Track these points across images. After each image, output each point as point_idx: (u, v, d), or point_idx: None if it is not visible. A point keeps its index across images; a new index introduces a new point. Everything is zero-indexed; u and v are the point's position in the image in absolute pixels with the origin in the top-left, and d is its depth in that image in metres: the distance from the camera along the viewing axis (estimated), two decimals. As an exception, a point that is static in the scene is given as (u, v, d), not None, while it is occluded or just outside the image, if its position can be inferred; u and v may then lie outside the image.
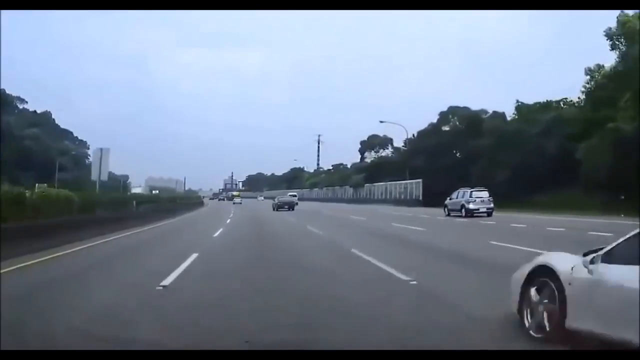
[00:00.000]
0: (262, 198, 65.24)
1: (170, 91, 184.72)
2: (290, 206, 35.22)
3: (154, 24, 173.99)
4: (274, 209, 32.83)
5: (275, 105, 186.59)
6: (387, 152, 65.57)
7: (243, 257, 8.71)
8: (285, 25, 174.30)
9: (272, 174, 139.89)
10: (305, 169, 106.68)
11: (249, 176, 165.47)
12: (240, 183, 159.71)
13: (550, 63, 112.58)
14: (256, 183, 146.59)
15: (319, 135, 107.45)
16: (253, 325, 4.18)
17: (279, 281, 6.22)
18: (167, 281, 6.09)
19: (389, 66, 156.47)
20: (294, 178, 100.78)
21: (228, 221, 19.33)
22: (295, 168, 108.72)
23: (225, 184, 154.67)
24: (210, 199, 73.90)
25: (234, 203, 57.35)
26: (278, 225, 18.19)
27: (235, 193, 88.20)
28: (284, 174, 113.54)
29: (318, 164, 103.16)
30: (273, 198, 43.64)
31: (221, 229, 15.59)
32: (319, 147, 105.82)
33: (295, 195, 55.62)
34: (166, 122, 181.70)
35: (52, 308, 4.94)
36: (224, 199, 72.11)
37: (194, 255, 8.56)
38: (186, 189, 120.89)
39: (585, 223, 15.41)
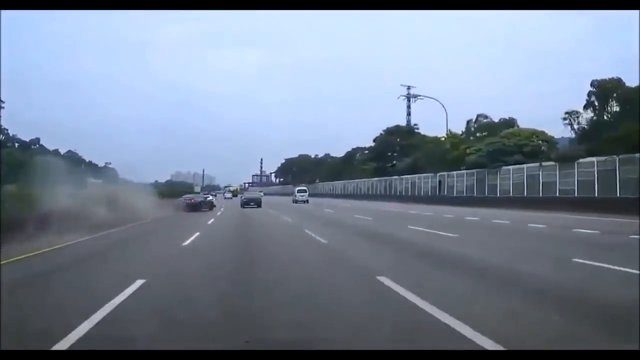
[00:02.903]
0: (262, 194, 49.19)
1: (197, 89, 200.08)
2: (257, 203, 38.17)
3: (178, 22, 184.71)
4: (241, 206, 37.44)
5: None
6: None
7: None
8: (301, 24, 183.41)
9: (327, 155, 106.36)
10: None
11: (286, 161, 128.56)
12: (273, 175, 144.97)
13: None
14: (298, 172, 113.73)
15: (409, 88, 70.88)
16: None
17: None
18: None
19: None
20: (388, 153, 64.12)
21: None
22: (387, 131, 66.91)
23: (253, 177, 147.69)
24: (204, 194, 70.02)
25: (224, 198, 63.79)
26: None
27: (232, 188, 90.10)
28: (366, 149, 74.80)
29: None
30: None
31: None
32: (409, 105, 71.52)
33: (305, 191, 57.67)
34: (190, 119, 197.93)
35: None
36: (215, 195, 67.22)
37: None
38: (215, 184, 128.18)
39: None
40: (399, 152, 59.12)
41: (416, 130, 63.37)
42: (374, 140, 65.71)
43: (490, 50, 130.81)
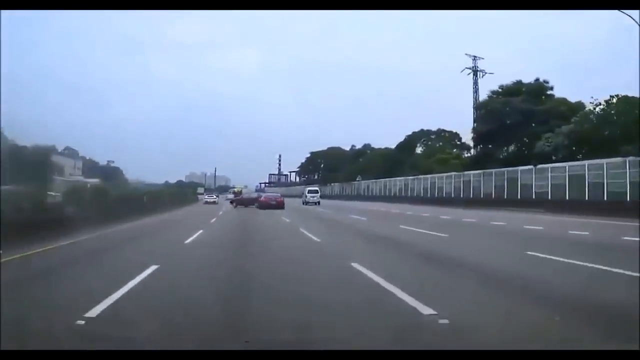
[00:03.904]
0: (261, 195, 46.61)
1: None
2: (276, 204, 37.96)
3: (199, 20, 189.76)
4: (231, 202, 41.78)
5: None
6: None
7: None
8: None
9: (367, 146, 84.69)
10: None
11: (311, 155, 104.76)
12: (294, 174, 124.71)
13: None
14: (327, 168, 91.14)
15: (475, 58, 55.60)
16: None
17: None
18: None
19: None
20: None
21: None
22: (504, 90, 41.27)
23: (271, 176, 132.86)
24: (208, 195, 70.84)
25: (225, 199, 64.21)
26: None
27: (237, 189, 74.23)
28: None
29: (476, 104, 50.91)
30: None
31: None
32: (476, 81, 53.84)
33: (317, 191, 52.78)
34: (205, 121, 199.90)
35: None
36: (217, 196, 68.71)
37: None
38: (230, 185, 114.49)
39: None
40: (522, 127, 33.37)
41: (549, 92, 37.53)
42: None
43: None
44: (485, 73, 61.61)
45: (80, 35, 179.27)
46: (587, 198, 28.29)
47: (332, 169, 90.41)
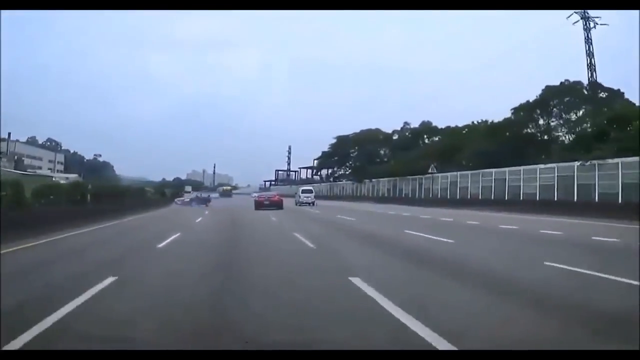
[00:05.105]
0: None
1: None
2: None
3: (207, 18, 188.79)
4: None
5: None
6: None
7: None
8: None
9: (425, 123, 64.29)
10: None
11: (338, 140, 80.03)
12: (308, 170, 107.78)
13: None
14: (362, 158, 68.50)
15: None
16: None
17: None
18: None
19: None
20: None
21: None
22: None
23: (278, 172, 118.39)
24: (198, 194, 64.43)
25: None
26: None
27: (225, 188, 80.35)
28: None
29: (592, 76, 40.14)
30: None
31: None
32: (588, 29, 43.35)
33: (311, 191, 47.89)
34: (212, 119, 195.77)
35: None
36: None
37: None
38: (233, 184, 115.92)
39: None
40: None
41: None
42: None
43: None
44: (597, 24, 47.13)
45: (82, 34, 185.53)
46: None
47: (369, 158, 69.43)
